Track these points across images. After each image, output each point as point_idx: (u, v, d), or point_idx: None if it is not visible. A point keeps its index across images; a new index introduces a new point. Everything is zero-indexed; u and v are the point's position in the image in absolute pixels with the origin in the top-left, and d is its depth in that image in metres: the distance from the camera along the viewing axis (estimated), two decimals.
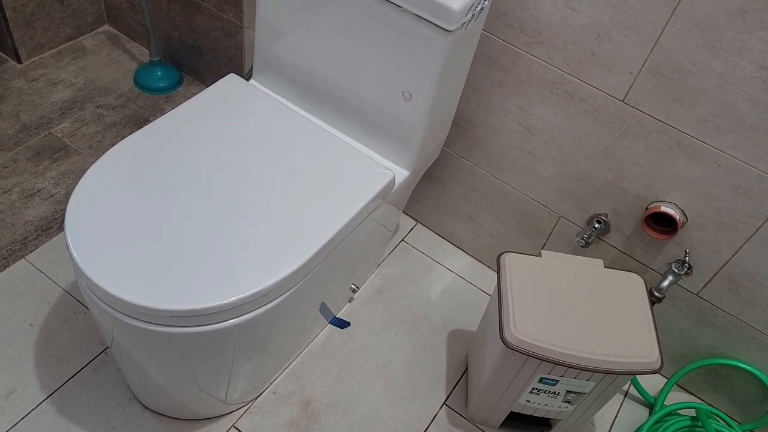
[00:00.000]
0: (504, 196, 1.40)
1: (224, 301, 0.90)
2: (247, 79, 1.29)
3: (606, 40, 1.05)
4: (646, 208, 1.18)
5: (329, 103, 1.20)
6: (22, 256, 1.40)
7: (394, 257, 1.56)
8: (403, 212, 1.64)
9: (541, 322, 1.06)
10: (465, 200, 1.49)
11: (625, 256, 1.29)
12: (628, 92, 1.08)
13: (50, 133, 1.65)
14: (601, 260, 1.17)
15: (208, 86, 1.84)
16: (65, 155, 1.61)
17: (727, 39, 0.94)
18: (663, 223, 1.18)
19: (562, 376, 1.09)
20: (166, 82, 1.81)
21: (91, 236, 0.94)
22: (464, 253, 1.59)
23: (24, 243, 1.43)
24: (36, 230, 1.45)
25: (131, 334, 0.95)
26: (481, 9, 1.02)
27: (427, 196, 1.56)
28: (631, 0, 0.99)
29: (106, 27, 1.95)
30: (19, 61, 1.78)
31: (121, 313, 0.91)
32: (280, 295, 0.98)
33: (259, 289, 0.92)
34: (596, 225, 1.26)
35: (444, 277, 1.54)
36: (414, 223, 1.63)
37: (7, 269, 1.38)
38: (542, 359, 1.04)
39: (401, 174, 1.19)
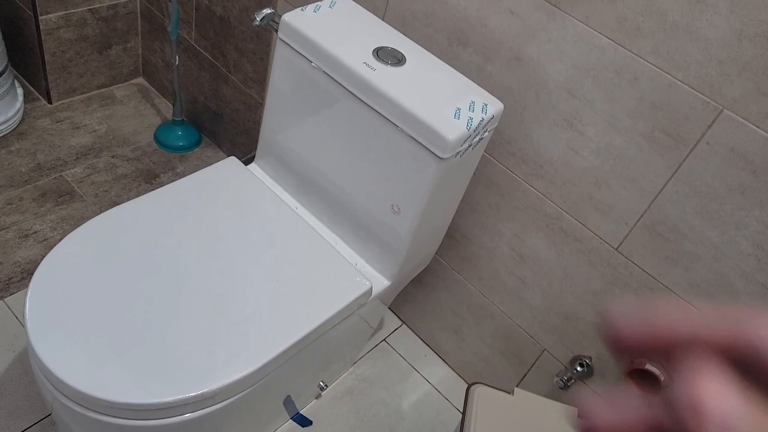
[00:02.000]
0: (491, 316, 1.36)
1: (163, 400, 0.87)
2: (251, 160, 1.30)
3: (605, 187, 1.03)
4: (632, 362, 1.12)
5: (323, 200, 1.19)
6: (1, 298, 1.40)
7: (372, 357, 1.51)
8: (391, 310, 1.60)
9: None
10: (452, 312, 1.44)
11: None
12: (622, 242, 1.05)
13: (61, 175, 1.67)
14: (576, 409, 1.11)
15: (223, 151, 1.87)
16: (70, 200, 1.62)
17: (725, 212, 0.90)
18: (648, 380, 1.12)
19: None
20: (184, 141, 1.84)
21: (49, 305, 0.92)
22: (445, 364, 1.53)
23: (7, 284, 1.43)
24: (22, 272, 1.45)
25: (69, 414, 0.92)
26: (480, 139, 1.01)
27: (415, 300, 1.52)
28: (632, 155, 0.97)
29: (140, 80, 2.01)
30: (50, 102, 1.84)
31: (59, 392, 0.89)
32: (230, 397, 0.95)
33: (202, 391, 0.88)
34: (578, 368, 1.20)
35: (419, 387, 1.48)
36: (399, 323, 1.59)
37: None
38: None
39: (381, 283, 1.16)
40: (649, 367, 1.09)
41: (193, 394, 0.88)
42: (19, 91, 1.76)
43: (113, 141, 1.81)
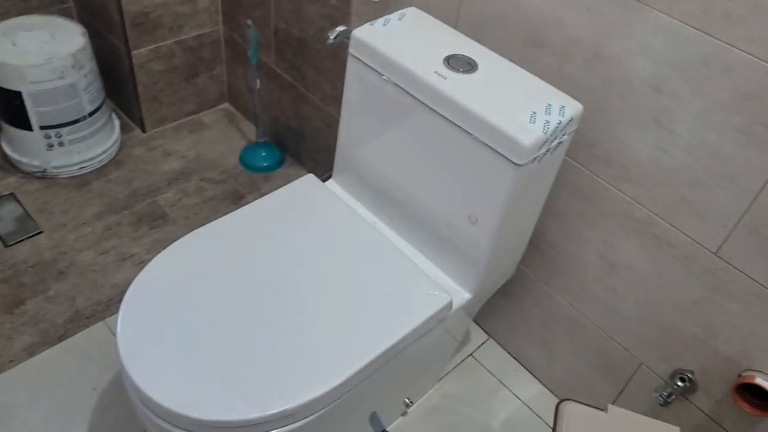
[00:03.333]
0: (582, 328, 1.29)
1: (244, 417, 0.87)
2: (328, 178, 1.31)
3: (700, 188, 0.95)
4: (739, 375, 1.03)
5: (401, 213, 1.18)
6: (102, 319, 1.48)
7: (458, 372, 1.48)
8: (477, 324, 1.56)
9: None
10: (541, 325, 1.39)
11: (713, 424, 1.13)
12: (721, 245, 0.97)
13: (155, 200, 1.76)
14: (678, 429, 1.03)
15: (306, 169, 1.90)
16: (163, 224, 1.70)
17: None
18: (758, 396, 1.02)
19: None
20: (268, 162, 1.89)
21: (139, 326, 0.96)
22: (535, 379, 1.47)
23: (107, 305, 1.51)
24: (120, 294, 1.53)
25: (157, 430, 0.95)
26: (560, 143, 0.97)
27: (502, 313, 1.48)
28: (729, 151, 0.89)
29: (226, 105, 2.09)
30: (144, 131, 1.94)
31: (149, 410, 0.92)
32: (311, 415, 0.95)
33: (282, 409, 0.89)
34: (679, 383, 1.11)
35: (509, 404, 1.43)
36: (486, 337, 1.54)
37: (86, 329, 1.45)
38: None
39: (462, 296, 1.13)
40: (759, 381, 1.00)
41: (273, 412, 0.88)
42: (116, 122, 1.87)
43: (202, 165, 1.88)
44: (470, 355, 1.51)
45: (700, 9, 0.85)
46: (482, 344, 1.53)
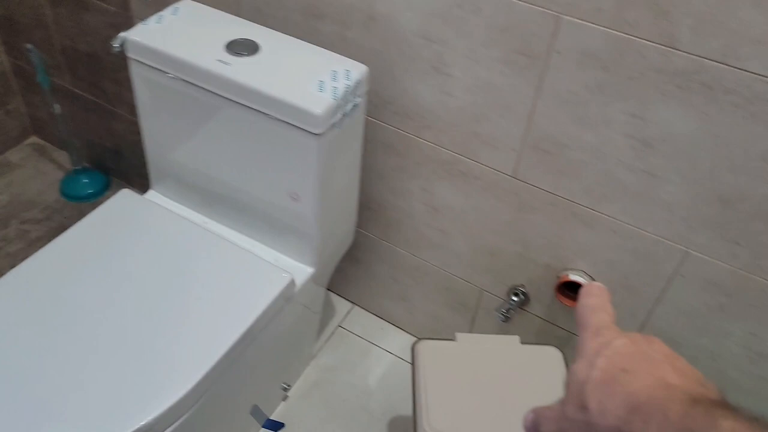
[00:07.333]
0: (426, 273, 1.37)
1: None
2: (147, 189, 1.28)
3: (485, 121, 1.05)
4: (558, 277, 1.15)
5: (228, 206, 1.19)
6: None
7: (330, 345, 1.52)
8: (339, 295, 1.61)
9: (457, 413, 1.02)
10: (393, 280, 1.46)
11: (549, 325, 1.25)
12: (515, 168, 1.07)
13: None
14: (518, 336, 1.14)
15: (135, 186, 1.83)
16: None
17: (592, 112, 0.93)
18: (576, 290, 1.15)
19: None
20: (92, 188, 1.80)
21: None
22: (402, 331, 1.55)
23: None
24: None
25: None
26: (354, 106, 1.02)
27: (357, 278, 1.53)
28: (499, 83, 0.99)
29: (33, 138, 1.96)
30: None
31: None
32: (173, 423, 0.94)
33: (139, 425, 0.88)
34: (514, 298, 1.23)
35: (383, 360, 1.49)
36: (350, 306, 1.60)
37: None
38: None
39: (305, 272, 1.16)
40: (573, 277, 1.12)
41: (129, 431, 0.87)
42: None
43: (19, 207, 1.76)
44: (338, 326, 1.56)
45: None
46: (348, 313, 1.59)
